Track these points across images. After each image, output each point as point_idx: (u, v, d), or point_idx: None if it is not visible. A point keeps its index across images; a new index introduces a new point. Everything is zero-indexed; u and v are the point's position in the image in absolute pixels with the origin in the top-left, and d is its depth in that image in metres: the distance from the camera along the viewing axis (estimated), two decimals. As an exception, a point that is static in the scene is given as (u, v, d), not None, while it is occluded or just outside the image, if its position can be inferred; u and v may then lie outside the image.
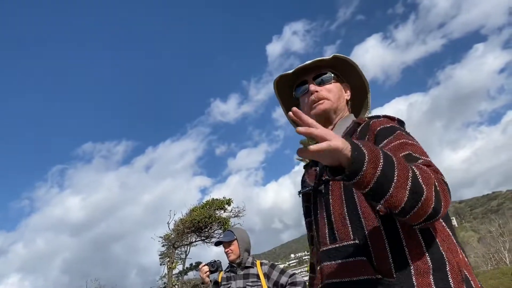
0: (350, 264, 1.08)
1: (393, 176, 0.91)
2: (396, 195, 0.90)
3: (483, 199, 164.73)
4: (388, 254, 1.03)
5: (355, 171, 0.89)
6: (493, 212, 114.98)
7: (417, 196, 0.91)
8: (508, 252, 48.74)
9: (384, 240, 1.05)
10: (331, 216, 1.17)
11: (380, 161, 0.91)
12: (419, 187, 0.92)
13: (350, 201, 1.14)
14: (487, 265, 50.27)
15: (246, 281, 3.00)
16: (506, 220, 54.64)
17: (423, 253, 1.02)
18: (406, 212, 0.93)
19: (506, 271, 25.82)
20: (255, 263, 3.11)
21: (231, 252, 3.12)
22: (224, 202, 19.69)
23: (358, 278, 1.05)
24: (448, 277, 0.98)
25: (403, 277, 0.99)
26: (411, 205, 0.91)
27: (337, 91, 1.38)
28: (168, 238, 19.56)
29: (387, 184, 0.90)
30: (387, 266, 1.02)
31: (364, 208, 1.11)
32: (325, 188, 1.23)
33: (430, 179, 0.96)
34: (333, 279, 1.12)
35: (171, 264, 19.17)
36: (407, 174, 0.93)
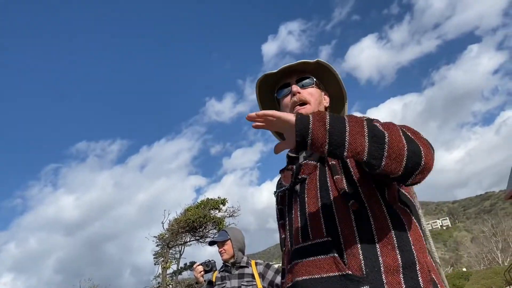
0: (322, 261, 1.08)
1: (344, 127, 0.96)
2: (355, 142, 0.94)
3: (476, 199, 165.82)
4: (359, 251, 1.03)
5: (301, 132, 0.96)
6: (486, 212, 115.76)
7: (378, 139, 0.94)
8: (500, 252, 49.07)
9: (355, 237, 1.05)
10: (306, 214, 1.18)
11: (326, 117, 0.98)
12: (378, 131, 0.95)
13: (325, 199, 1.14)
14: (480, 264, 50.62)
15: (241, 281, 2.99)
16: (499, 220, 55.02)
17: (394, 251, 1.02)
18: (378, 158, 0.94)
19: (499, 271, 25.98)
20: (250, 263, 3.11)
21: (224, 252, 3.12)
22: (219, 202, 19.68)
23: (328, 274, 1.05)
24: (418, 276, 0.99)
25: (373, 274, 0.99)
26: (377, 149, 0.93)
27: (318, 96, 1.39)
28: (163, 237, 19.53)
29: (341, 135, 0.95)
30: (357, 263, 1.02)
31: (338, 205, 1.11)
32: (301, 187, 1.24)
33: (391, 125, 0.98)
34: (303, 276, 1.11)
35: (165, 264, 19.13)
36: (361, 123, 0.97)
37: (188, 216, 18.71)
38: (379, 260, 1.01)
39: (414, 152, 0.94)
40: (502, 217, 57.13)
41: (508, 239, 47.05)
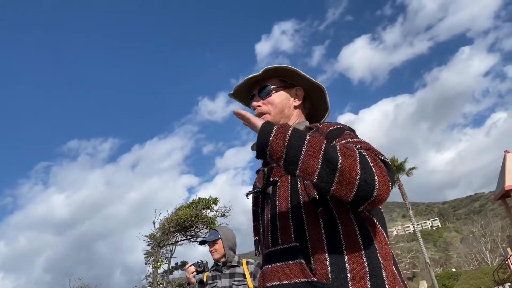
0: (289, 266, 1.08)
1: (302, 145, 0.99)
2: (308, 163, 0.96)
3: (466, 200, 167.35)
4: (326, 257, 1.03)
5: (261, 142, 1.03)
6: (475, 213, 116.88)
7: (331, 164, 0.95)
8: (489, 253, 49.61)
9: (323, 243, 1.05)
10: (276, 218, 1.18)
11: (288, 132, 1.02)
12: (333, 155, 0.95)
13: (295, 203, 1.14)
14: (469, 265, 51.12)
15: (232, 280, 2.99)
16: (488, 221, 55.57)
17: (361, 258, 1.02)
18: (327, 183, 0.95)
19: (488, 271, 26.26)
20: (241, 262, 3.11)
21: (215, 251, 3.11)
22: (210, 201, 19.67)
23: (294, 281, 1.06)
24: (384, 283, 0.99)
25: (339, 281, 1.00)
26: (327, 174, 0.95)
27: (280, 101, 1.37)
28: (154, 237, 19.47)
29: (297, 153, 0.98)
30: (324, 269, 1.02)
31: (307, 211, 1.11)
32: (273, 190, 1.24)
33: (351, 151, 0.97)
34: (272, 282, 1.11)
35: (156, 263, 19.07)
36: (319, 144, 0.98)
37: (179, 215, 18.68)
38: (345, 267, 1.01)
39: (366, 182, 0.94)
40: (491, 218, 57.68)
41: (496, 239, 47.57)
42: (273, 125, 1.05)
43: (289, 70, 1.37)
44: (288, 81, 1.42)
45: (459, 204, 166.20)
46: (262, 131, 1.04)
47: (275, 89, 1.39)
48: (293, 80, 1.42)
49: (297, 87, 1.43)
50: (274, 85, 1.39)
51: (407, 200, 31.17)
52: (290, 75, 1.40)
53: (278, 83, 1.40)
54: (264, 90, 1.39)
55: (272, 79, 1.40)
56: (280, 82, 1.40)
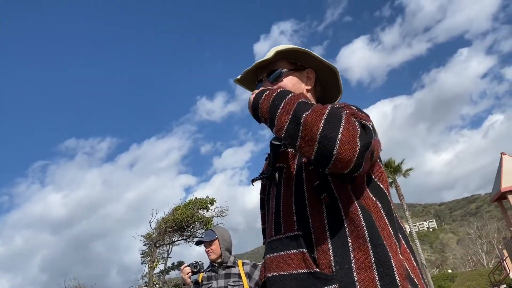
0: (291, 256, 1.03)
1: (280, 104, 1.01)
2: (280, 118, 0.98)
3: (462, 201, 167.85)
4: (329, 246, 0.98)
5: (255, 106, 1.09)
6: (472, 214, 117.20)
7: (296, 119, 0.94)
8: (485, 254, 49.75)
9: (326, 231, 1.00)
10: (280, 206, 1.13)
11: (273, 94, 1.06)
12: (300, 111, 0.95)
13: (299, 190, 1.09)
14: (465, 266, 51.26)
15: (228, 281, 2.97)
16: (484, 222, 55.74)
17: (366, 246, 0.95)
18: (293, 138, 0.94)
19: (483, 273, 26.33)
20: (237, 263, 3.09)
21: (211, 252, 3.09)
22: (207, 201, 19.62)
23: (296, 271, 1.01)
24: (394, 272, 0.91)
25: (343, 272, 0.94)
26: (293, 129, 0.94)
27: (292, 85, 1.28)
28: (150, 237, 19.41)
29: (275, 111, 1.01)
30: (327, 259, 0.97)
31: (311, 198, 1.06)
32: (279, 176, 1.19)
33: (321, 108, 0.94)
34: (274, 272, 1.06)
35: (152, 263, 19.02)
36: (295, 101, 0.99)
37: (176, 215, 18.62)
38: (350, 256, 0.95)
39: (327, 138, 0.88)
40: (487, 220, 57.85)
41: (492, 241, 47.71)
42: (266, 89, 1.12)
43: (301, 51, 1.28)
44: (298, 63, 1.32)
45: (456, 205, 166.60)
46: (256, 95, 1.11)
47: (286, 72, 1.29)
48: (304, 62, 1.32)
49: (307, 70, 1.33)
50: (284, 68, 1.29)
51: (403, 201, 31.21)
52: (300, 57, 1.31)
53: (288, 66, 1.30)
54: (274, 73, 1.29)
55: (282, 62, 1.30)
56: (290, 65, 1.31)
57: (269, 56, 1.27)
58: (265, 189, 1.29)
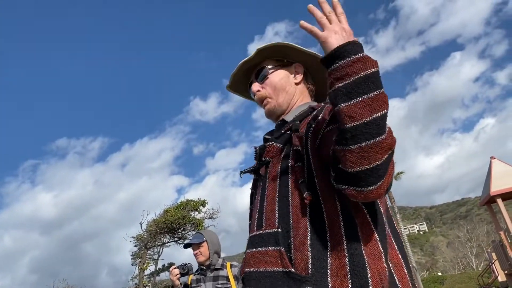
0: (268, 252, 1.01)
1: (369, 90, 0.84)
2: (358, 108, 0.83)
3: (453, 205, 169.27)
4: (308, 248, 0.95)
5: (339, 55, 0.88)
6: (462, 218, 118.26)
7: (376, 129, 0.82)
8: (475, 257, 50.19)
9: (307, 232, 0.97)
10: (264, 201, 1.11)
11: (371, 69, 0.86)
12: (383, 127, 0.84)
13: (283, 187, 1.06)
14: (455, 269, 51.67)
15: (216, 283, 2.99)
16: (474, 226, 56.31)
17: (343, 253, 0.92)
18: (356, 137, 0.82)
19: (473, 276, 26.56)
20: (225, 265, 3.10)
21: (200, 254, 3.11)
22: (198, 203, 19.57)
23: (272, 269, 0.98)
24: (368, 284, 0.88)
25: (319, 276, 0.91)
26: (366, 132, 0.82)
27: (279, 80, 1.27)
28: (140, 238, 19.31)
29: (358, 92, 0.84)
30: (304, 261, 0.94)
31: (294, 196, 1.03)
32: (265, 171, 1.16)
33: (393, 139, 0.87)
34: (251, 268, 1.05)
35: (143, 264, 18.91)
36: (384, 106, 0.85)
37: (167, 217, 18.55)
38: (327, 262, 0.92)
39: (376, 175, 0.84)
40: (477, 223, 58.45)
41: (482, 244, 48.18)
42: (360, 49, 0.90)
43: (283, 46, 1.27)
44: (285, 60, 1.32)
45: (446, 208, 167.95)
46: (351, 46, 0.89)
47: (272, 69, 1.29)
48: (290, 58, 1.32)
49: (295, 63, 1.32)
50: (270, 65, 1.30)
51: (394, 204, 31.36)
52: (285, 53, 1.30)
53: (274, 63, 1.31)
54: (261, 73, 1.30)
55: (267, 61, 1.31)
56: (276, 62, 1.31)
57: (251, 56, 1.27)
58: (256, 183, 1.26)
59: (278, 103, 1.27)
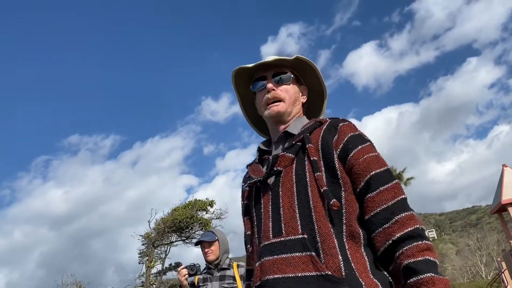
0: (296, 258, 1.04)
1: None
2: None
3: (463, 212, 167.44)
4: (337, 251, 1.02)
5: None
6: (472, 226, 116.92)
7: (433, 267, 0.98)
8: (484, 266, 49.54)
9: (333, 237, 1.04)
10: (280, 209, 1.14)
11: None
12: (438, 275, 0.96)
13: (303, 194, 1.12)
14: (463, 278, 51.02)
15: (222, 283, 3.00)
16: (484, 234, 55.56)
17: (362, 255, 1.04)
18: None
19: (482, 285, 26.24)
20: (232, 265, 3.12)
21: (211, 253, 3.11)
22: (206, 203, 19.64)
23: (303, 274, 1.02)
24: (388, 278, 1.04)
25: (351, 276, 0.99)
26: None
27: (294, 93, 1.34)
28: (148, 236, 19.43)
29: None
30: (336, 263, 1.00)
31: (316, 202, 1.09)
32: (275, 180, 1.20)
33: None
34: (275, 275, 1.06)
35: (150, 263, 19.02)
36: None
37: (175, 216, 18.65)
38: (351, 263, 1.01)
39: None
40: (487, 231, 57.67)
41: (492, 253, 47.53)
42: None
43: (311, 68, 1.36)
44: (299, 77, 1.40)
45: (456, 216, 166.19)
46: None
47: (293, 79, 1.36)
48: (304, 78, 1.40)
49: (303, 86, 1.41)
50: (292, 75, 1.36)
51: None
52: (305, 73, 1.38)
53: (292, 75, 1.36)
54: (282, 75, 1.33)
55: (287, 69, 1.36)
56: (293, 74, 1.37)
57: (287, 58, 1.33)
58: (250, 194, 1.30)
59: (288, 111, 1.32)
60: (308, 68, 1.36)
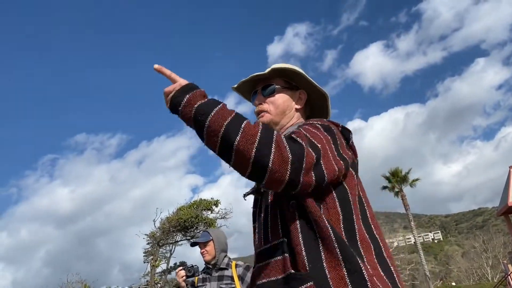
0: (276, 262, 1.09)
1: (206, 119, 1.01)
2: (209, 140, 1.02)
3: (469, 214, 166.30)
4: (301, 247, 1.04)
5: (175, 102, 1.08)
6: (478, 228, 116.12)
7: (227, 144, 0.99)
8: (490, 268, 49.22)
9: (298, 233, 1.06)
10: (268, 216, 1.19)
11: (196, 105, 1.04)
12: (231, 135, 0.98)
13: (279, 199, 1.15)
14: (469, 280, 50.73)
15: (220, 283, 3.00)
16: (490, 236, 55.14)
17: (334, 247, 1.02)
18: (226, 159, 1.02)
19: (488, 287, 26.04)
20: (231, 265, 3.11)
21: (206, 253, 3.12)
22: (211, 203, 19.69)
23: (276, 277, 1.07)
24: (361, 269, 0.99)
25: (317, 270, 1.00)
26: (225, 153, 1.00)
27: (282, 102, 1.36)
28: (153, 236, 19.50)
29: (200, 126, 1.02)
30: (301, 260, 1.02)
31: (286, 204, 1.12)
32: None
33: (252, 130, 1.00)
34: (262, 280, 1.12)
35: (155, 262, 19.08)
36: (222, 120, 1.00)
37: (180, 215, 18.70)
38: (321, 256, 1.02)
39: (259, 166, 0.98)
40: (493, 234, 57.22)
41: (498, 255, 47.17)
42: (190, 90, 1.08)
43: (296, 72, 1.37)
44: (292, 83, 1.40)
45: (462, 218, 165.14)
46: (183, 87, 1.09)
47: (279, 89, 1.38)
48: (298, 83, 1.41)
49: (300, 90, 1.41)
50: (278, 85, 1.38)
51: (409, 211, 31.01)
52: (296, 78, 1.39)
53: (283, 83, 1.39)
54: (268, 88, 1.38)
55: (277, 79, 1.39)
56: (284, 83, 1.39)
57: (266, 71, 1.36)
58: (257, 202, 1.33)
59: (274, 120, 1.36)
60: (295, 73, 1.37)
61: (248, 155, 0.96)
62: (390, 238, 50.46)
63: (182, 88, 1.09)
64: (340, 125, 1.25)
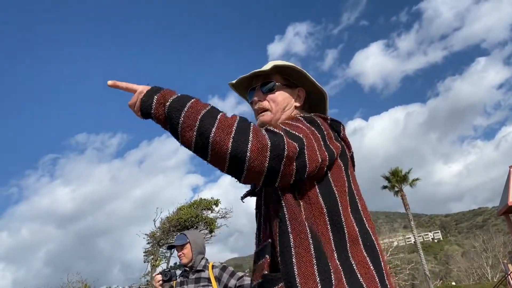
0: (260, 265, 1.11)
1: (179, 117, 0.99)
2: (184, 135, 0.99)
3: (469, 214, 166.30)
4: (279, 247, 1.04)
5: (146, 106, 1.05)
6: (478, 227, 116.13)
7: (204, 138, 0.96)
8: (490, 268, 49.22)
9: (277, 233, 1.06)
10: (261, 218, 1.20)
11: (167, 103, 1.02)
12: (207, 127, 0.96)
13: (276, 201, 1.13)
14: (469, 279, 50.74)
15: (197, 285, 2.99)
16: (490, 236, 55.13)
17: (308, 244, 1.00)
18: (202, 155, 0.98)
19: (487, 287, 26.08)
20: (207, 266, 3.10)
21: (183, 256, 3.11)
22: (211, 202, 19.69)
23: (258, 280, 1.09)
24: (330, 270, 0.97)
25: (287, 268, 0.99)
26: (202, 148, 0.97)
27: (282, 99, 1.35)
28: (154, 235, 19.51)
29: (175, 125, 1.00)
30: (279, 260, 1.02)
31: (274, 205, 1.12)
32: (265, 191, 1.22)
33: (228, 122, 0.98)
34: (258, 280, 1.12)
35: (155, 261, 19.09)
36: (197, 113, 0.98)
37: (180, 215, 18.71)
38: (291, 252, 1.01)
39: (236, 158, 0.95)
40: (493, 233, 57.22)
41: (498, 255, 47.17)
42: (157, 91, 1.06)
43: (296, 70, 1.35)
44: (292, 80, 1.39)
45: (462, 217, 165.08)
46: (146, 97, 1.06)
47: (279, 86, 1.36)
48: (297, 81, 1.39)
49: (299, 88, 1.40)
50: (278, 82, 1.36)
51: (409, 211, 31.03)
52: (295, 75, 1.38)
53: (282, 81, 1.37)
54: (267, 85, 1.35)
55: (276, 76, 1.37)
56: (283, 80, 1.37)
57: (266, 68, 1.33)
58: (257, 203, 1.33)
59: (275, 118, 1.33)
60: (294, 70, 1.36)
61: (226, 146, 0.94)
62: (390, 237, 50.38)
63: (148, 92, 1.07)
64: (329, 118, 1.24)
